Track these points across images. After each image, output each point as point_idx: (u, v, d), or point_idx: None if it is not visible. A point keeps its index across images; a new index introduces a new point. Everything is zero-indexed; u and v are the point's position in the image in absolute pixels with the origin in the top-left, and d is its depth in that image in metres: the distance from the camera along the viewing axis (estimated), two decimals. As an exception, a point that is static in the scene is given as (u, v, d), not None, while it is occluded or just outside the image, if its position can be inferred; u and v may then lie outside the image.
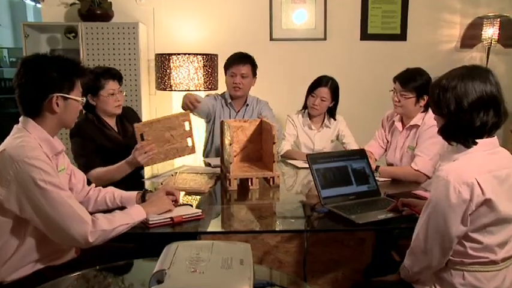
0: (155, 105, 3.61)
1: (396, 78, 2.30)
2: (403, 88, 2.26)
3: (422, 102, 2.27)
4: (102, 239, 1.40)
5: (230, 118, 2.76)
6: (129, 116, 2.36)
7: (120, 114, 2.27)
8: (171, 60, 3.15)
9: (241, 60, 2.70)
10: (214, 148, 2.81)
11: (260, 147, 2.29)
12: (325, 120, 2.85)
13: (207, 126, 2.87)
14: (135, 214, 1.54)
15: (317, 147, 2.84)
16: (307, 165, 1.87)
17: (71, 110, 1.48)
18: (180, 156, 2.17)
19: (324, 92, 2.73)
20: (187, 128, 2.13)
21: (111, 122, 2.24)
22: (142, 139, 2.01)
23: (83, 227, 1.36)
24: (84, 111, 2.13)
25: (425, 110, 2.30)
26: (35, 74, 1.40)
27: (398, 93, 2.27)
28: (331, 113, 2.85)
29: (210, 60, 3.20)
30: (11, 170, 1.31)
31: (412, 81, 2.24)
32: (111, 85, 2.14)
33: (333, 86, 2.74)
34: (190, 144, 2.15)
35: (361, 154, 1.94)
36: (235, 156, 2.21)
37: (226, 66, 2.76)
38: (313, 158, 1.83)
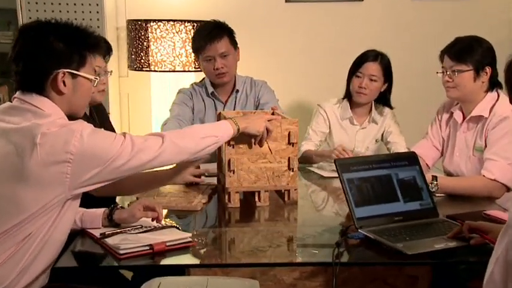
0: (127, 91, 3.64)
1: (444, 52, 2.32)
2: (454, 62, 2.27)
3: (484, 77, 2.27)
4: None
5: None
6: (100, 112, 2.32)
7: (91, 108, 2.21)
8: (150, 29, 3.17)
9: (213, 36, 2.60)
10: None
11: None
12: (373, 113, 2.81)
13: None
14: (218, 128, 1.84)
15: (358, 149, 2.79)
16: (335, 174, 1.87)
17: (81, 91, 1.58)
18: (274, 188, 2.08)
19: (372, 68, 2.69)
20: (291, 141, 2.04)
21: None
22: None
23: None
24: None
25: (491, 89, 2.30)
26: (36, 44, 1.52)
27: (449, 70, 2.29)
28: (384, 100, 2.81)
29: (202, 29, 3.22)
30: (74, 142, 1.46)
31: (466, 53, 2.25)
32: (97, 62, 2.04)
33: (384, 62, 2.72)
34: (292, 168, 2.05)
35: (410, 159, 1.94)
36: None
37: (196, 49, 2.71)
38: (343, 164, 1.83)
